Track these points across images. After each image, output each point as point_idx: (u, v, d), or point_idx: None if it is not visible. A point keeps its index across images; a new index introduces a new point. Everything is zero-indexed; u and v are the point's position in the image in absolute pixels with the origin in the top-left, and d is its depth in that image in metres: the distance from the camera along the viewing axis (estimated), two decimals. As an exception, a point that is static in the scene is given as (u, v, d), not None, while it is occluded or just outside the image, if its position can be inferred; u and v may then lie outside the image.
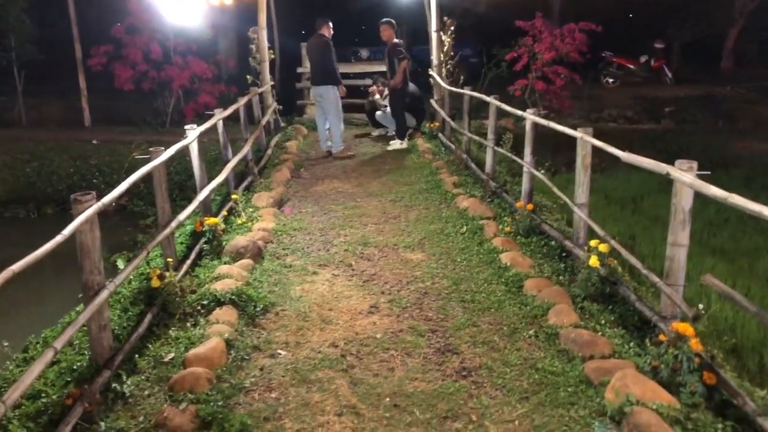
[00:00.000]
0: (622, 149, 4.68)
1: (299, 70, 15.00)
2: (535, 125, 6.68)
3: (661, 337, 3.70)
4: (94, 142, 12.69)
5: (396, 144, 11.44)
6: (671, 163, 3.99)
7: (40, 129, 13.85)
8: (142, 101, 14.52)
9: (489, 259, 5.87)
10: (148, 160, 5.20)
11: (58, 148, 12.35)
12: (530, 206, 6.63)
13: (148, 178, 5.22)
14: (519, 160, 7.07)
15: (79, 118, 14.12)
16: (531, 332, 4.43)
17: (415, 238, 6.64)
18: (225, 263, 5.79)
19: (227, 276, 5.36)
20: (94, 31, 14.02)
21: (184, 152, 6.42)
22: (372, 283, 5.47)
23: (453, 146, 10.40)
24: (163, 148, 5.36)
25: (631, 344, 4.09)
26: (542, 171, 6.75)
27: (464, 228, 6.77)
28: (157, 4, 12.72)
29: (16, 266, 2.93)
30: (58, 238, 3.36)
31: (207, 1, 11.11)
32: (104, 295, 3.96)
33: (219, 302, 4.88)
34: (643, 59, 19.27)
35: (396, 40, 11.29)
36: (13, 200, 11.53)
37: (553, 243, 6.03)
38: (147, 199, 10.52)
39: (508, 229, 6.51)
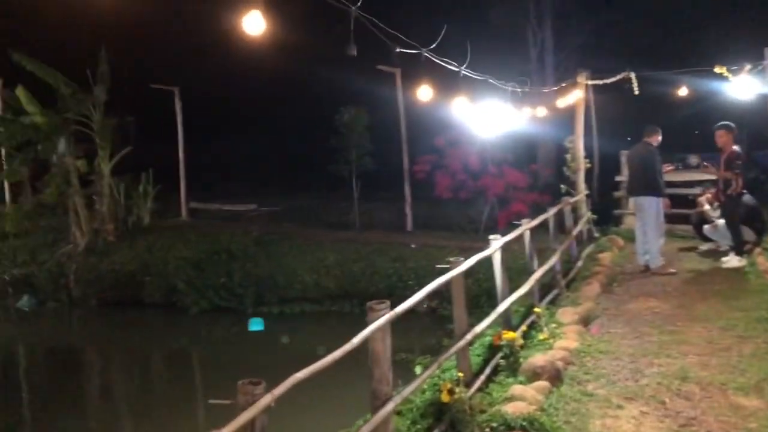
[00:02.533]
0: None
1: (617, 178, 14.33)
2: None
3: None
4: (413, 246, 13.50)
5: (732, 261, 10.00)
6: None
7: (369, 232, 15.25)
8: (458, 208, 15.20)
9: None
10: (447, 270, 5.20)
11: (382, 250, 13.38)
12: None
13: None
14: None
15: (403, 223, 15.26)
16: None
17: (751, 378, 5.50)
18: (520, 382, 5.42)
19: (520, 398, 4.98)
20: (420, 143, 15.29)
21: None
22: (690, 430, 4.59)
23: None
24: (462, 258, 5.33)
25: None
26: None
27: (819, 372, 5.43)
28: (477, 117, 13.40)
29: (301, 373, 2.99)
30: (347, 347, 3.40)
31: (522, 114, 11.37)
32: (390, 407, 3.91)
33: (509, 427, 4.52)
34: None
35: (734, 148, 10.08)
36: (340, 295, 12.70)
37: None
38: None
39: None
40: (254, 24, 4.11)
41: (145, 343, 12.21)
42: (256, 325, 11.79)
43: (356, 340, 3.52)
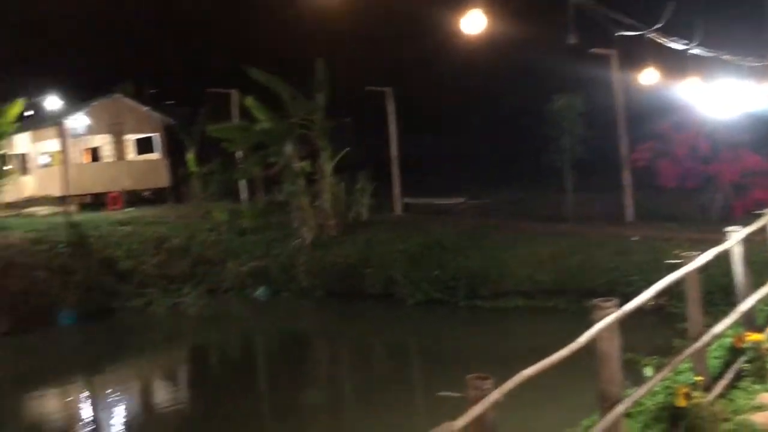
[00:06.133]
0: None
1: None
2: None
3: None
4: (635, 238, 12.70)
5: None
6: None
7: (585, 224, 14.61)
8: (684, 197, 14.05)
9: None
10: (679, 265, 4.82)
11: (599, 243, 12.75)
12: None
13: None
14: None
15: (621, 213, 14.45)
16: None
17: None
18: (768, 390, 4.87)
19: (770, 408, 4.48)
20: (638, 128, 14.35)
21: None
22: None
23: None
24: (696, 253, 4.89)
25: None
26: None
27: None
28: (708, 98, 12.26)
29: (529, 371, 2.95)
30: (574, 346, 3.29)
31: (763, 91, 10.15)
32: (620, 409, 3.72)
33: (758, 439, 4.08)
34: None
35: None
36: (555, 291, 12.23)
37: None
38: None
39: None
40: (474, 23, 4.13)
41: (367, 333, 12.87)
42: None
43: (583, 339, 3.39)
